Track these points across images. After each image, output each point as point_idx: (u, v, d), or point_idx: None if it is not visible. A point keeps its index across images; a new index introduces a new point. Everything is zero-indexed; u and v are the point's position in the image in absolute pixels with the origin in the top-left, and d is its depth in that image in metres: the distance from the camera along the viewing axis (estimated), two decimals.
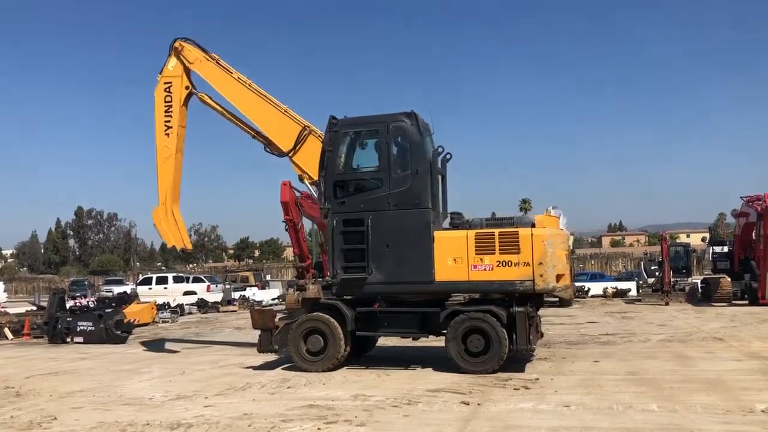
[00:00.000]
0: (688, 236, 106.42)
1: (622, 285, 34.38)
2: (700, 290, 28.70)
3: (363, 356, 12.87)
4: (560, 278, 10.98)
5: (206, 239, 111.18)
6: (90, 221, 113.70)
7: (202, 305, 30.87)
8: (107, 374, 12.33)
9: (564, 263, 11.19)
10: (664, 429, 7.23)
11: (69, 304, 20.67)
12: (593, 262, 60.51)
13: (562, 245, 11.32)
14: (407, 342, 13.69)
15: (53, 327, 18.11)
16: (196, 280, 40.27)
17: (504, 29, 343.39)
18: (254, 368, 12.35)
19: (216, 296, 34.32)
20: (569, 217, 12.43)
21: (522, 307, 10.87)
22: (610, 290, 33.18)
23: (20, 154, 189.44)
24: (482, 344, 10.87)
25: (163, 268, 67.53)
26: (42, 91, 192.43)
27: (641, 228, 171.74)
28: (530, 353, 12.08)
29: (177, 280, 39.65)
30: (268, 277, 50.30)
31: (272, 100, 14.26)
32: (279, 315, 12.71)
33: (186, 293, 35.85)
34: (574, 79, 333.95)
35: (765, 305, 23.24)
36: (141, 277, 45.00)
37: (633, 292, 32.87)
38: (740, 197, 26.36)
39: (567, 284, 11.38)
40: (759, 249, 24.32)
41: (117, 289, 36.28)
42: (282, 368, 12.14)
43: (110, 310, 18.72)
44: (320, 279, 13.06)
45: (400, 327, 11.78)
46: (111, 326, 17.65)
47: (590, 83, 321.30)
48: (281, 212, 14.08)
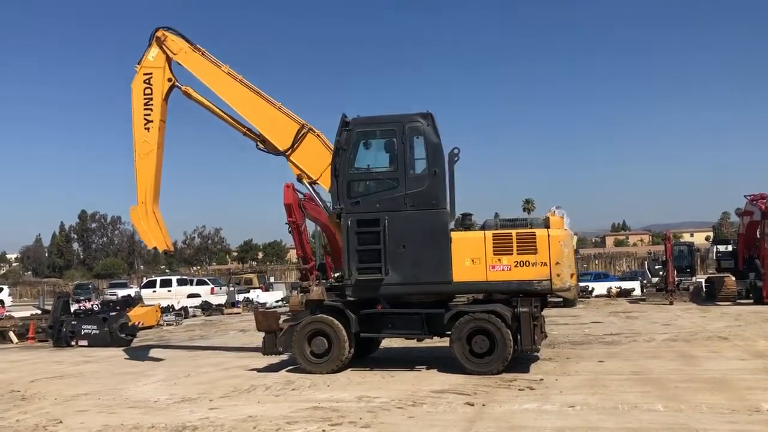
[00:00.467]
0: (692, 235, 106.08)
1: (626, 285, 34.35)
2: (705, 289, 28.66)
3: (367, 358, 12.87)
4: (572, 277, 11.24)
5: (210, 242, 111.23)
6: (94, 225, 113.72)
7: (206, 308, 30.91)
8: (112, 377, 12.35)
9: (573, 263, 11.35)
10: (670, 429, 7.21)
11: (73, 308, 20.78)
12: (597, 262, 60.46)
13: (570, 245, 11.48)
14: (411, 343, 13.68)
15: (58, 330, 18.15)
16: (200, 283, 40.38)
17: (504, 29, 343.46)
18: (259, 370, 12.35)
19: (220, 299, 34.40)
20: (572, 217, 12.47)
21: (526, 308, 10.90)
22: (614, 290, 33.14)
23: (23, 158, 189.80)
24: (487, 345, 10.87)
25: (167, 271, 67.55)
26: (44, 92, 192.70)
27: (645, 227, 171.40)
28: (535, 354, 12.06)
29: (181, 283, 39.78)
30: (272, 279, 50.45)
31: (266, 96, 13.65)
32: (283, 317, 12.69)
33: (190, 296, 35.93)
34: (577, 79, 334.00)
35: None
36: (145, 280, 45.16)
37: (637, 292, 32.84)
38: (744, 196, 26.29)
39: (574, 284, 11.52)
40: (763, 248, 24.26)
41: (121, 293, 36.31)
42: (286, 370, 12.14)
43: (114, 314, 18.77)
44: (324, 281, 13.06)
45: (405, 328, 11.77)
46: (115, 329, 17.69)
47: (593, 83, 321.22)
48: (284, 214, 14.05)
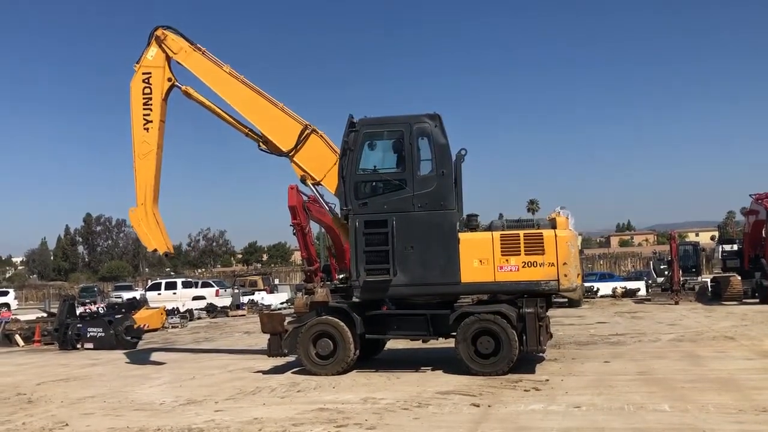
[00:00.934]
0: (697, 235, 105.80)
1: (632, 285, 34.32)
2: (710, 289, 28.57)
3: (372, 359, 12.86)
4: (578, 277, 11.29)
5: (214, 244, 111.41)
6: (99, 228, 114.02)
7: (211, 310, 30.98)
8: (117, 380, 12.38)
9: (579, 263, 11.37)
10: (676, 429, 7.19)
11: (79, 311, 20.79)
12: (602, 262, 60.36)
13: (576, 246, 11.51)
14: (417, 344, 13.68)
15: (64, 333, 18.20)
16: (205, 285, 40.43)
17: (507, 26, 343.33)
18: (264, 372, 12.36)
19: (225, 301, 34.44)
20: (577, 217, 12.46)
21: (531, 308, 10.89)
22: (620, 290, 33.09)
23: (28, 162, 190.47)
24: (492, 346, 10.86)
25: (172, 274, 67.62)
26: (46, 94, 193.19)
27: (650, 227, 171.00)
28: (540, 354, 12.05)
29: (186, 286, 39.81)
30: (277, 281, 50.46)
31: (268, 97, 13.44)
32: (288, 319, 12.70)
33: (195, 298, 36.00)
34: (580, 78, 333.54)
35: None
36: (150, 283, 45.22)
37: (642, 292, 32.78)
38: (749, 195, 26.26)
39: (579, 284, 11.54)
40: None
41: (126, 295, 36.36)
42: (291, 372, 12.14)
43: (120, 316, 18.81)
44: (328, 282, 13.07)
45: (410, 329, 11.77)
46: (121, 332, 17.73)
47: (597, 81, 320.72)
48: (289, 216, 14.05)
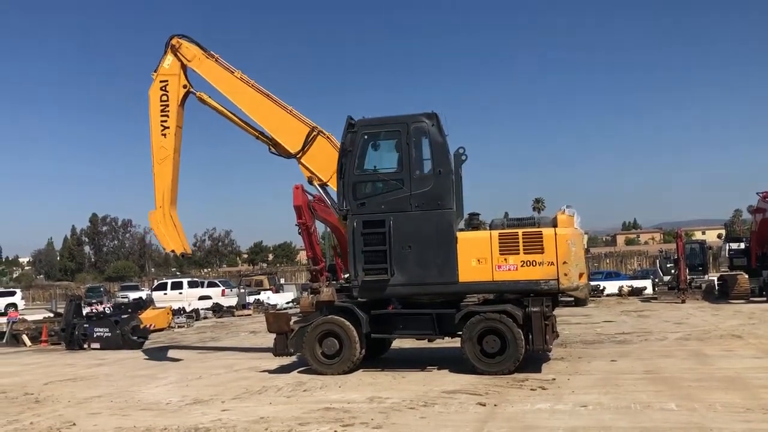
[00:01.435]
0: (704, 233, 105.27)
1: (638, 283, 34.18)
2: (717, 287, 28.49)
3: (378, 358, 12.87)
4: (581, 276, 11.16)
5: (220, 244, 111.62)
6: (105, 228, 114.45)
7: (217, 310, 31.01)
8: (124, 380, 12.41)
9: (583, 262, 11.29)
10: (684, 428, 7.16)
11: (85, 311, 20.83)
12: (608, 261, 60.20)
13: (580, 244, 11.41)
14: (422, 344, 13.67)
15: (70, 333, 18.26)
16: (211, 285, 40.51)
17: (509, 26, 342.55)
18: (270, 372, 12.37)
19: (231, 300, 34.48)
20: (583, 216, 12.41)
21: (537, 308, 10.84)
22: (626, 289, 32.99)
23: (35, 162, 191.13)
24: (498, 345, 10.84)
25: (178, 274, 67.72)
26: (54, 95, 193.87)
27: (656, 226, 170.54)
28: (546, 353, 12.01)
29: (192, 285, 39.92)
30: (282, 281, 50.49)
31: (277, 100, 13.84)
32: (294, 318, 12.72)
33: (201, 298, 36.07)
34: (584, 77, 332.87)
35: None
36: (156, 283, 45.33)
37: (649, 291, 32.68)
38: (756, 193, 26.14)
39: (584, 283, 11.48)
40: None
41: (132, 295, 36.49)
42: (297, 371, 12.16)
43: (126, 316, 18.85)
44: (334, 282, 13.07)
45: (416, 329, 11.76)
46: (127, 332, 17.78)
47: (601, 80, 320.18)
48: (294, 216, 14.07)
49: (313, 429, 7.78)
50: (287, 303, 34.90)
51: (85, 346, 17.96)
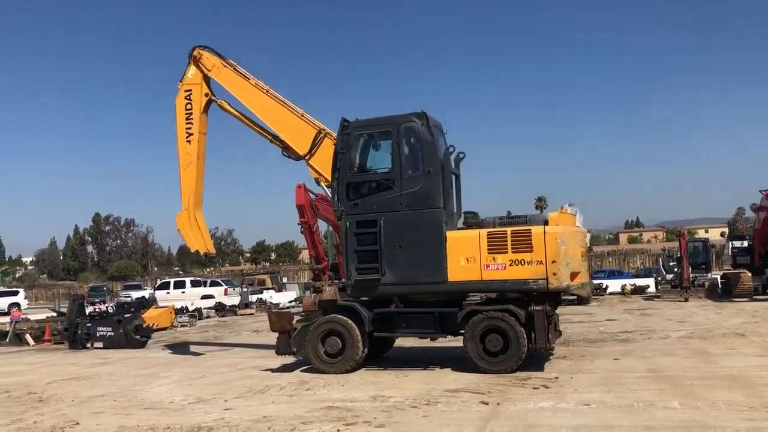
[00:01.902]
0: (707, 231, 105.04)
1: (641, 282, 34.16)
2: (720, 286, 28.44)
3: (381, 357, 12.86)
4: (575, 276, 10.88)
5: (223, 243, 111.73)
6: (107, 227, 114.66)
7: (220, 309, 31.04)
8: (127, 379, 12.43)
9: (579, 261, 11.11)
10: (687, 426, 7.15)
11: (88, 310, 20.86)
12: (611, 260, 60.12)
13: (578, 243, 11.25)
14: (425, 342, 13.66)
15: (73, 333, 18.28)
16: (214, 284, 40.53)
17: (512, 25, 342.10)
18: (273, 371, 12.38)
19: (233, 299, 34.50)
20: (585, 215, 12.36)
21: (540, 306, 10.82)
22: (629, 287, 32.97)
23: (38, 162, 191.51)
24: (501, 343, 10.82)
25: (181, 273, 67.88)
26: (58, 96, 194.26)
27: (659, 224, 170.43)
28: (549, 352, 12.01)
29: (195, 284, 39.93)
30: (285, 280, 50.48)
31: (289, 105, 14.41)
32: (296, 317, 12.73)
33: (204, 297, 36.10)
34: (586, 76, 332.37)
35: None
36: (159, 282, 45.34)
37: (651, 289, 32.64)
38: (759, 191, 26.11)
39: (584, 282, 11.34)
40: None
41: (135, 294, 36.53)
42: (300, 370, 12.16)
43: (129, 315, 18.86)
44: (337, 281, 13.09)
45: (418, 327, 11.76)
46: (130, 331, 17.80)
47: (603, 79, 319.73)
48: (297, 215, 14.12)
49: (316, 428, 7.78)
50: (290, 302, 34.93)
51: (88, 346, 17.99)
